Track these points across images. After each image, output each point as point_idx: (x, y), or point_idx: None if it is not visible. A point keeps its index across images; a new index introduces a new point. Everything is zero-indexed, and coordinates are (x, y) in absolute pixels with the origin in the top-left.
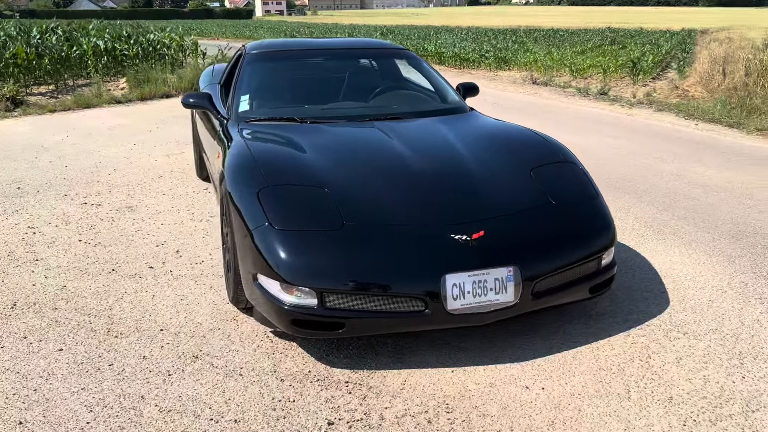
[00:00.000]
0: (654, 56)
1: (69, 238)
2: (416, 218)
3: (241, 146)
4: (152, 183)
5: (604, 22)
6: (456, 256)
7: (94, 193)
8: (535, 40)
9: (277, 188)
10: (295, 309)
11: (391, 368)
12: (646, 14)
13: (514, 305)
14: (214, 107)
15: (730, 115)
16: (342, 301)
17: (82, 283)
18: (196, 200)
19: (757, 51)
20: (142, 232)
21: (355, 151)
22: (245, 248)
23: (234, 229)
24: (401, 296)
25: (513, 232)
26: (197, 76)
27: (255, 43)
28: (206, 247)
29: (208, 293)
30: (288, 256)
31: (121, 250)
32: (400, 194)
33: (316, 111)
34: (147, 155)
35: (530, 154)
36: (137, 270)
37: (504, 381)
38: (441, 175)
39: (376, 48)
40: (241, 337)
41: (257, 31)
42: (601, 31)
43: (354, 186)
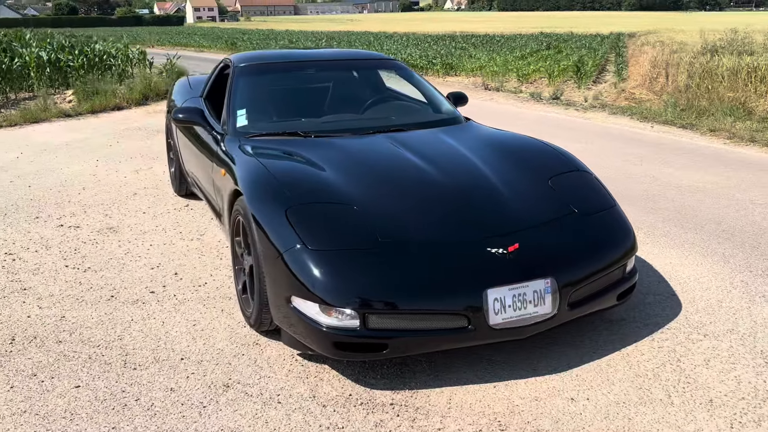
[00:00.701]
0: (593, 60)
1: (54, 263)
2: (450, 233)
3: (253, 164)
4: (128, 201)
5: (535, 27)
6: (495, 270)
7: (68, 214)
8: (474, 46)
9: (305, 207)
10: (337, 331)
11: (431, 387)
12: (574, 19)
13: (553, 317)
14: (208, 123)
15: (681, 116)
16: (385, 321)
17: (81, 312)
18: (181, 218)
19: (697, 55)
20: (132, 254)
21: (373, 165)
22: (275, 270)
23: (259, 251)
24: (444, 313)
25: (545, 243)
26: (148, 87)
27: (241, 56)
28: (204, 267)
29: (220, 317)
30: (326, 277)
31: (114, 274)
32: (428, 209)
33: (316, 124)
34: (114, 172)
35: (545, 164)
36: (138, 295)
37: (548, 394)
38: (465, 188)
39: (366, 59)
40: (269, 362)
41: (193, 38)
42: (535, 36)
43: (381, 202)
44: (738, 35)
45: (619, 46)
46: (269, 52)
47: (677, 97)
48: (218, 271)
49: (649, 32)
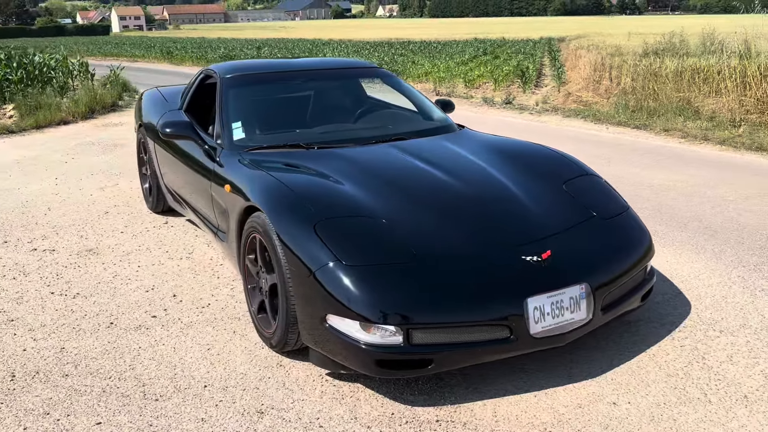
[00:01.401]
0: (533, 65)
1: (38, 291)
2: (482, 242)
3: (266, 179)
4: (101, 221)
5: (468, 34)
6: (533, 279)
7: (39, 237)
8: (413, 52)
9: (333, 221)
10: (379, 349)
11: (473, 400)
12: (503, 24)
13: (588, 322)
14: (199, 137)
15: (634, 117)
16: (429, 336)
17: (82, 342)
18: (163, 236)
19: (639, 57)
20: (121, 277)
21: (388, 176)
22: (307, 289)
23: (284, 269)
24: (487, 325)
25: (574, 248)
26: (93, 100)
27: (223, 67)
28: (203, 288)
29: (234, 339)
30: (366, 293)
31: (107, 299)
32: (455, 218)
33: (315, 135)
34: (78, 190)
35: (555, 169)
36: (140, 321)
37: (589, 400)
38: (485, 196)
39: (352, 68)
40: (298, 384)
41: (123, 48)
42: (470, 42)
43: (407, 214)
44: (675, 38)
45: (553, 50)
46: (251, 62)
47: (625, 99)
48: (218, 290)
49: (578, 36)
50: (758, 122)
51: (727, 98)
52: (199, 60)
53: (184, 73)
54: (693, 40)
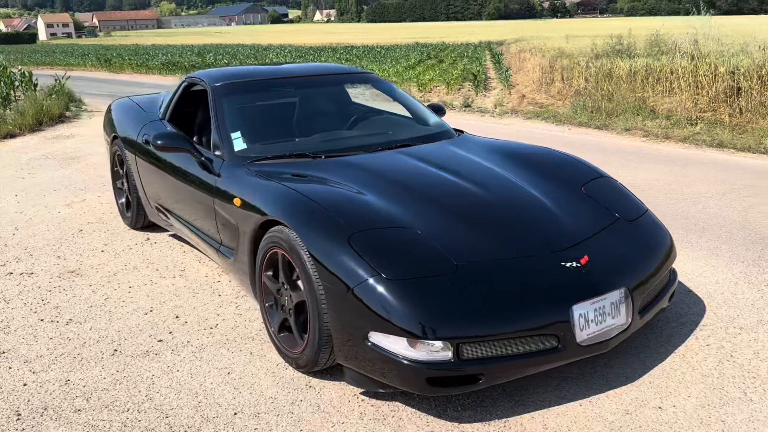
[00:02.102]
0: (480, 68)
1: (25, 318)
2: (520, 250)
3: (284, 191)
4: (76, 239)
5: (409, 38)
6: (576, 285)
7: (11, 260)
8: (358, 57)
9: (367, 234)
10: (429, 366)
11: (519, 413)
12: (441, 29)
13: (628, 326)
14: (195, 149)
15: (594, 118)
16: (478, 349)
17: (88, 373)
18: (148, 254)
19: (592, 59)
20: (114, 299)
21: (408, 184)
22: (344, 306)
23: (315, 286)
24: (536, 335)
25: (608, 252)
26: (40, 111)
27: (212, 75)
28: (205, 307)
29: (253, 361)
30: (412, 308)
31: (104, 325)
32: (486, 227)
33: (316, 144)
34: (43, 207)
35: (570, 173)
36: (146, 346)
37: (634, 405)
38: (511, 202)
39: (342, 73)
40: (334, 406)
41: (55, 56)
42: (412, 46)
43: (438, 223)
44: (624, 40)
45: (495, 54)
46: (238, 69)
47: (582, 101)
48: (223, 309)
49: (517, 40)
50: (713, 120)
51: (680, 97)
52: (140, 67)
53: (126, 82)
54: (640, 42)
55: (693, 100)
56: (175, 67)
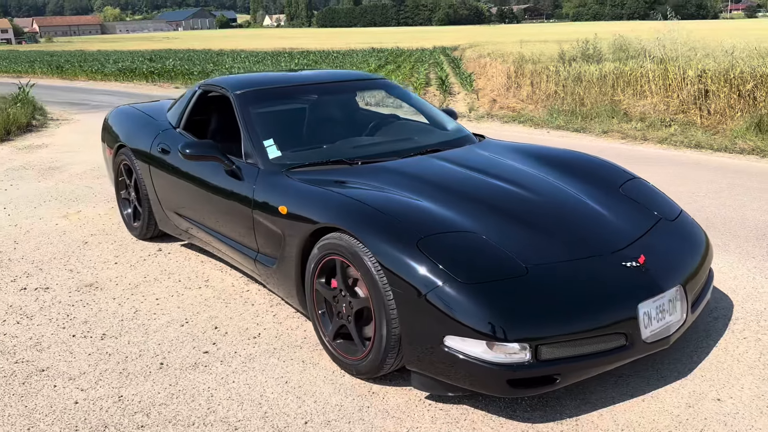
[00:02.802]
0: (443, 73)
1: (55, 335)
2: (580, 251)
3: (338, 198)
4: (84, 252)
5: (363, 43)
6: (639, 284)
7: (21, 275)
8: (316, 62)
9: (434, 238)
10: (509, 368)
11: (588, 411)
12: (393, 34)
13: (684, 322)
14: (226, 157)
15: (570, 121)
16: (555, 350)
17: (140, 388)
18: (165, 264)
19: (562, 63)
20: (143, 312)
21: (455, 189)
22: (416, 311)
23: (383, 292)
24: (607, 334)
25: (659, 251)
26: (7, 120)
27: (231, 82)
28: (242, 317)
29: (307, 369)
30: (489, 311)
31: (141, 338)
32: (542, 229)
33: (347, 150)
34: (38, 219)
35: (605, 175)
36: (193, 358)
37: (694, 398)
38: (560, 204)
39: (359, 79)
40: (403, 411)
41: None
42: (368, 51)
43: (496, 226)
44: (590, 45)
45: (454, 59)
46: (256, 76)
47: (557, 104)
48: (260, 318)
49: (471, 45)
50: (685, 121)
51: (652, 100)
52: (95, 74)
53: (84, 89)
54: (603, 47)
55: (664, 102)
56: (133, 73)
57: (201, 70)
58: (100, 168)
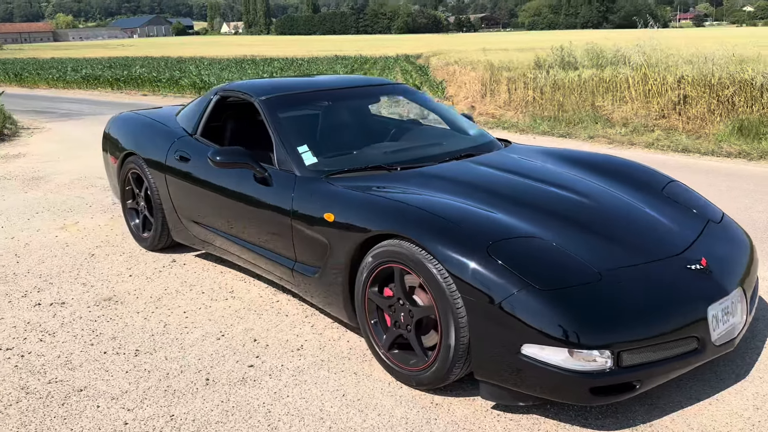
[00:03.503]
0: (413, 80)
1: (84, 352)
2: (645, 255)
3: (394, 205)
4: (93, 264)
5: (325, 51)
6: (705, 287)
7: (31, 290)
8: (282, 69)
9: (504, 243)
10: (591, 375)
11: (659, 416)
12: (354, 42)
13: (744, 323)
14: (258, 164)
15: (555, 127)
16: (635, 356)
17: (190, 406)
18: (183, 276)
19: (536, 71)
20: (174, 326)
21: (505, 193)
22: (491, 319)
23: (450, 301)
24: (682, 338)
25: (716, 253)
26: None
27: (254, 88)
28: (279, 328)
29: (362, 381)
30: (570, 318)
31: (178, 353)
32: (604, 234)
33: (379, 155)
34: (34, 231)
35: (646, 178)
36: (239, 373)
37: (760, 400)
38: (614, 209)
39: (378, 85)
40: (472, 422)
41: None
42: (332, 59)
43: (557, 231)
44: (564, 52)
45: (423, 67)
46: (276, 82)
47: (538, 110)
48: (298, 329)
49: (435, 53)
50: (667, 126)
51: (632, 105)
52: (57, 81)
53: (47, 97)
54: (577, 54)
55: (645, 108)
56: (97, 81)
57: (169, 78)
58: (87, 178)
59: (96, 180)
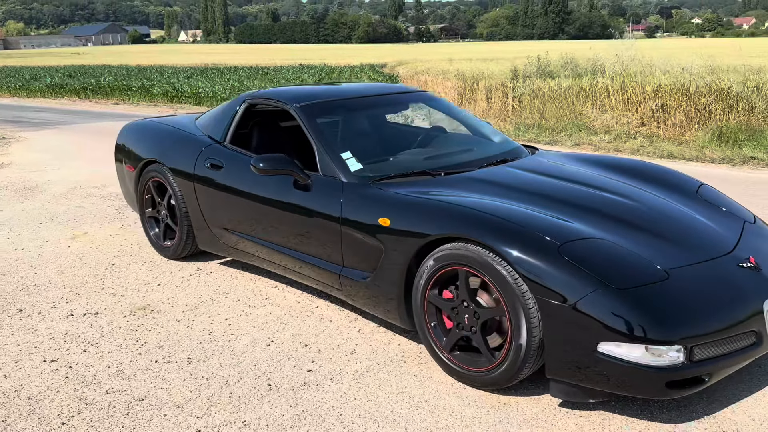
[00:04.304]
0: None
1: (135, 361)
2: (700, 255)
3: (457, 209)
4: (117, 274)
5: (289, 59)
6: (759, 283)
7: (59, 301)
8: (249, 78)
9: (573, 245)
10: (666, 370)
11: (719, 409)
12: (316, 51)
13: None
14: (302, 171)
15: (541, 135)
16: (705, 350)
17: (260, 411)
18: (214, 284)
19: (514, 81)
20: (219, 333)
21: (559, 197)
22: (566, 319)
23: (522, 302)
24: (744, 332)
25: (762, 250)
26: None
27: (287, 95)
28: (327, 333)
29: (424, 383)
30: (647, 315)
31: (232, 360)
32: (657, 234)
33: (419, 161)
34: (44, 242)
35: (678, 181)
36: (300, 378)
37: None
38: (662, 211)
39: (404, 92)
40: (544, 420)
41: None
42: (298, 68)
43: (616, 232)
44: (541, 62)
45: (392, 76)
46: (307, 89)
47: (511, 118)
48: (346, 333)
49: (400, 63)
50: (649, 134)
51: (613, 114)
52: (20, 90)
53: (11, 105)
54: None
55: (625, 116)
56: (64, 89)
57: (141, 86)
58: (83, 188)
59: (93, 189)
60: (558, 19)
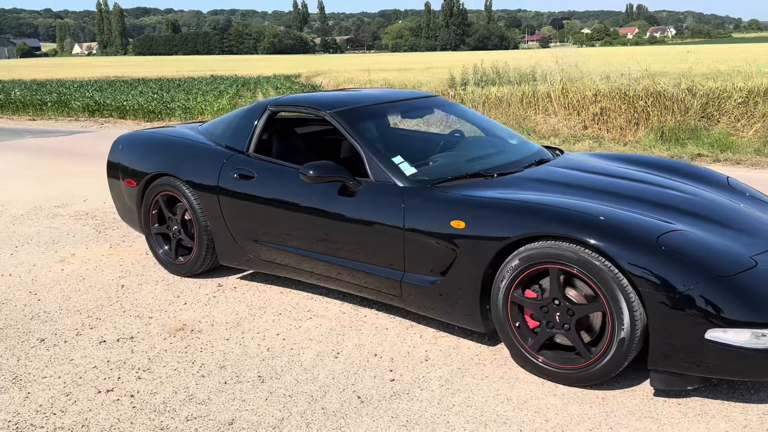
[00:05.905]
0: None
1: (202, 384)
2: (763, 243)
3: (541, 207)
4: (133, 296)
5: (197, 71)
6: None
7: (83, 327)
8: (162, 88)
9: (668, 236)
10: None
11: None
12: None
13: None
14: (353, 178)
15: None
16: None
17: (365, 425)
18: (245, 299)
19: (452, 88)
20: (277, 349)
21: (625, 194)
22: (672, 309)
23: (626, 295)
24: None
25: None
26: None
27: (320, 102)
28: (389, 341)
29: (516, 384)
30: (752, 301)
31: (306, 376)
32: (723, 224)
33: (463, 164)
34: (32, 266)
35: (706, 176)
36: (384, 388)
37: None
38: (717, 203)
39: (424, 97)
40: (646, 409)
41: None
42: (209, 79)
43: (688, 224)
44: (478, 70)
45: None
46: (337, 95)
47: None
48: (407, 340)
49: (316, 73)
50: (594, 136)
51: (557, 118)
52: None
53: None
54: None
55: (569, 119)
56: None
57: (57, 100)
58: (44, 207)
59: (55, 209)
60: (459, 30)
